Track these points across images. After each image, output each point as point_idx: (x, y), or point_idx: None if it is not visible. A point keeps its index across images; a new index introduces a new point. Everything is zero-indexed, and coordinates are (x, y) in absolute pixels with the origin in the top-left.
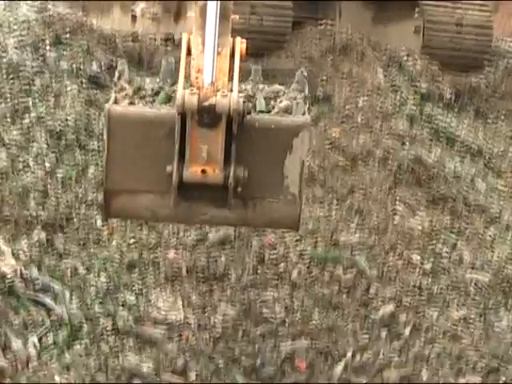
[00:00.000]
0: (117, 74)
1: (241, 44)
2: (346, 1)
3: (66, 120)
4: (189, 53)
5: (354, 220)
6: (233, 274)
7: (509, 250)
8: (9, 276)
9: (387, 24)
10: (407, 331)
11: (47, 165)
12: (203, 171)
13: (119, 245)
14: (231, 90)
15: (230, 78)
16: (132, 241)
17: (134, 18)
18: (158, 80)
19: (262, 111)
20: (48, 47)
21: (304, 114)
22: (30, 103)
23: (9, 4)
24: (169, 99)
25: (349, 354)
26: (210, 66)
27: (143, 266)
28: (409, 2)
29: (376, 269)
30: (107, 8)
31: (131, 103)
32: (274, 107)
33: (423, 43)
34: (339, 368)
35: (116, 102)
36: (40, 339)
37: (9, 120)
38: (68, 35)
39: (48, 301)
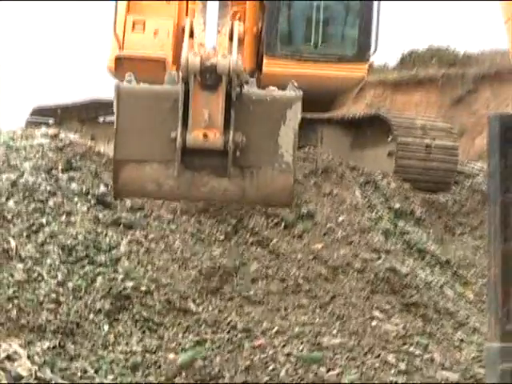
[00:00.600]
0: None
1: (238, 26)
2: (327, 128)
3: (77, 236)
4: (191, 35)
5: (335, 324)
6: (227, 374)
7: (476, 351)
8: (24, 378)
9: (363, 149)
10: None
11: (59, 276)
12: (205, 135)
13: (124, 348)
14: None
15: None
16: (135, 345)
17: None
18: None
19: None
20: (60, 171)
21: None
22: (44, 221)
23: (25, 132)
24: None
25: None
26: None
27: (146, 368)
28: (382, 128)
29: (356, 368)
30: (113, 136)
31: None
32: None
33: (396, 166)
34: None
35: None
36: None
37: (25, 236)
38: (78, 160)
39: None
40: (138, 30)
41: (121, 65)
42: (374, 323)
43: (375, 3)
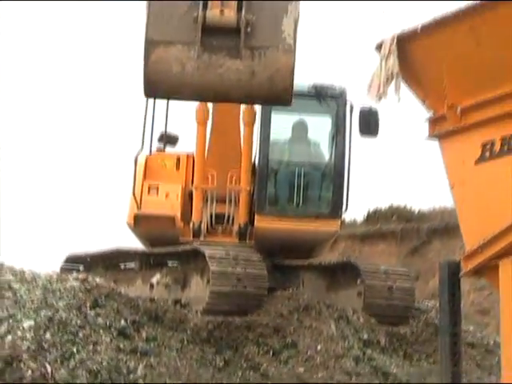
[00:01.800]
0: None
1: None
2: (307, 273)
3: (101, 362)
4: None
5: None
6: None
7: None
8: None
9: (337, 290)
10: None
11: None
12: (221, 11)
13: None
14: None
15: None
16: None
17: (151, 286)
18: None
19: None
20: (88, 308)
21: None
22: (75, 350)
23: (60, 277)
24: None
25: None
26: None
27: None
28: (353, 273)
29: None
30: (132, 279)
31: None
32: None
33: (364, 304)
34: None
35: None
36: None
37: (59, 362)
38: (103, 299)
39: None
40: (152, 193)
41: (138, 221)
42: None
43: (345, 169)
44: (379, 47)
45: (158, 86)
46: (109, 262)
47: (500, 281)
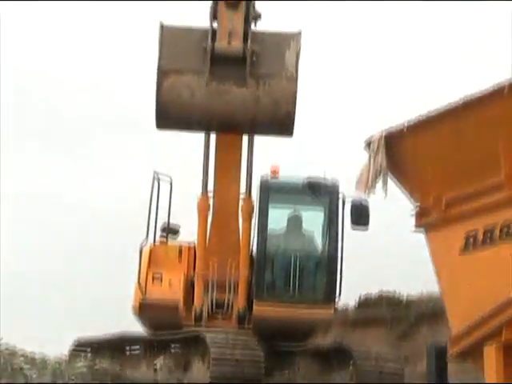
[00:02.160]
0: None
1: None
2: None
3: None
4: None
5: None
6: None
7: None
8: None
9: (331, 372)
10: None
11: None
12: (229, 42)
13: None
14: None
15: None
16: None
17: (155, 370)
18: None
19: None
20: None
21: None
22: None
23: (68, 361)
24: None
25: None
26: None
27: None
28: (346, 357)
29: None
30: (137, 363)
31: None
32: None
33: None
34: None
35: None
36: None
37: None
38: (109, 380)
39: None
40: (156, 282)
41: (143, 309)
42: None
43: (338, 258)
44: (368, 144)
45: (169, 112)
46: (115, 346)
47: (485, 365)
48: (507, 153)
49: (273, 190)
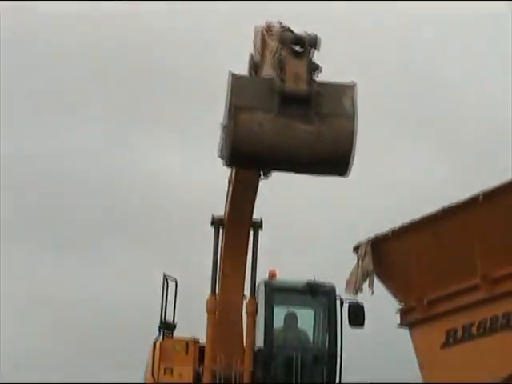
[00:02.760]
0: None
1: None
2: None
3: None
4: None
5: None
6: None
7: None
8: None
9: None
10: None
11: None
12: (296, 84)
13: None
14: None
15: None
16: None
17: None
18: None
19: None
20: None
21: None
22: None
23: None
24: None
25: None
26: None
27: None
28: None
29: None
30: None
31: None
32: None
33: None
34: None
35: None
36: None
37: None
38: None
39: None
40: (167, 375)
41: None
42: None
43: (338, 355)
44: (356, 249)
45: (242, 147)
46: None
47: None
48: (482, 257)
49: (277, 292)
